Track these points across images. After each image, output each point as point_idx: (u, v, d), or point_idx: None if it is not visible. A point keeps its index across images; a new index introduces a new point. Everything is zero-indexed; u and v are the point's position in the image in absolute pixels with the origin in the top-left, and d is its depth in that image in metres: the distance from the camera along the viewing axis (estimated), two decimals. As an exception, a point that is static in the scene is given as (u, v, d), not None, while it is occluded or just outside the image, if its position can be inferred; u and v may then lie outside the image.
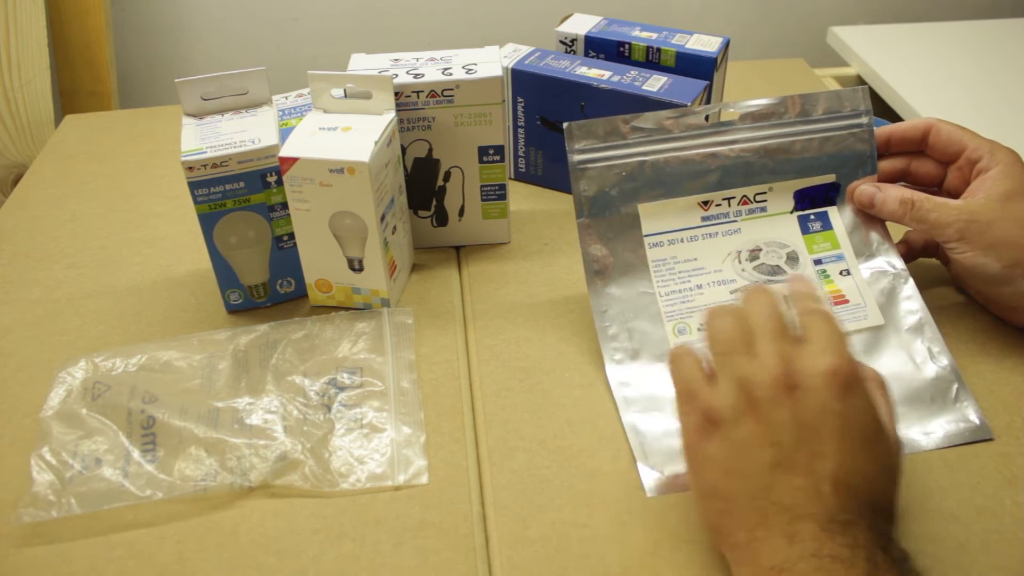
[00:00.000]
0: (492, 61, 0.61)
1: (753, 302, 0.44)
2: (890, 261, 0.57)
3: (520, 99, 0.70)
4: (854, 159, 0.58)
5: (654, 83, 0.65)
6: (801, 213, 0.58)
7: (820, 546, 0.37)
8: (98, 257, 0.68)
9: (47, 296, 0.63)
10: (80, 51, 1.22)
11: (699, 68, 0.70)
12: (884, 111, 0.97)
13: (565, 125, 0.57)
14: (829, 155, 0.58)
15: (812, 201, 0.59)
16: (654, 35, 0.73)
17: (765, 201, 0.58)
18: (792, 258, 0.57)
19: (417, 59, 0.62)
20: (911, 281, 0.56)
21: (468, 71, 0.60)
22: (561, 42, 0.75)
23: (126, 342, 0.58)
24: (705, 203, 0.58)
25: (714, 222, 0.58)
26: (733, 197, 0.58)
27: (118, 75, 1.29)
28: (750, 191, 0.58)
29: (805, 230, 0.58)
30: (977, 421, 0.49)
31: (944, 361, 0.52)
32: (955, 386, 0.51)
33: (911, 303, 0.55)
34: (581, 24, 0.75)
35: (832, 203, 0.59)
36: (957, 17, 1.49)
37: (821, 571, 0.36)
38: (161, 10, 1.40)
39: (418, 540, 0.45)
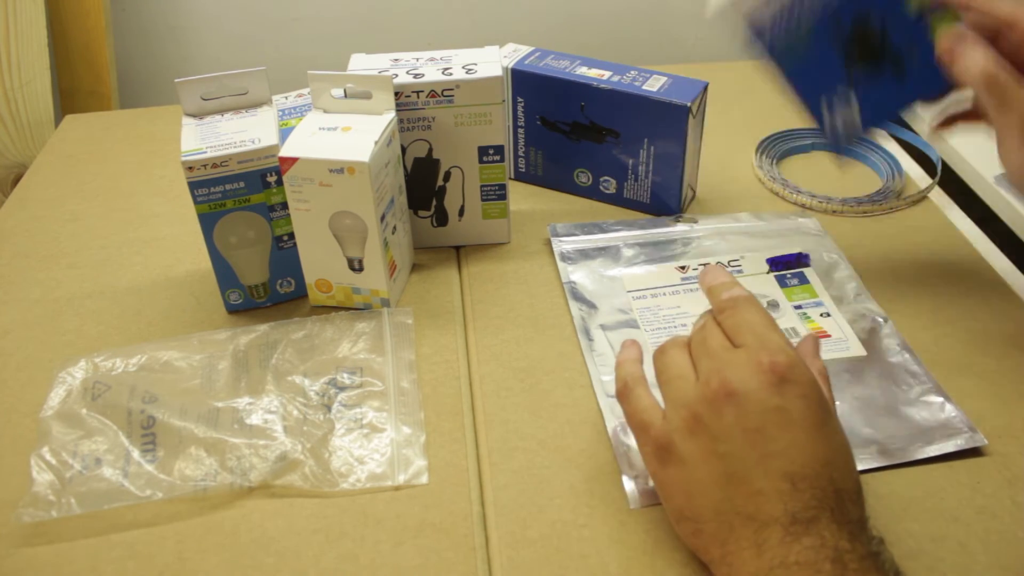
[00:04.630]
0: (492, 61, 0.61)
1: (695, 333, 0.45)
2: (868, 307, 0.59)
3: (520, 99, 0.70)
4: (811, 240, 0.65)
5: (654, 83, 0.66)
6: (777, 274, 0.62)
7: (787, 552, 0.37)
8: (98, 257, 0.68)
9: (47, 296, 0.63)
10: (80, 51, 1.22)
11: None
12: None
13: (549, 226, 0.66)
14: (788, 240, 0.65)
15: (786, 265, 0.62)
16: None
17: (740, 266, 0.63)
18: (773, 305, 0.59)
19: (417, 59, 0.62)
20: (891, 322, 0.57)
21: (468, 71, 0.60)
22: None
23: (126, 342, 0.58)
24: (682, 267, 0.63)
25: (693, 281, 0.62)
26: (708, 263, 0.63)
27: (118, 75, 1.29)
28: (724, 259, 0.63)
29: (783, 284, 0.61)
30: (968, 432, 0.49)
31: (928, 383, 0.52)
32: (941, 402, 0.51)
33: (891, 340, 0.56)
34: None
35: (806, 266, 0.62)
36: (957, 17, 1.48)
37: None
38: (161, 10, 1.40)
39: (418, 540, 0.45)
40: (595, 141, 0.69)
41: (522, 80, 0.69)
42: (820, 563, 0.36)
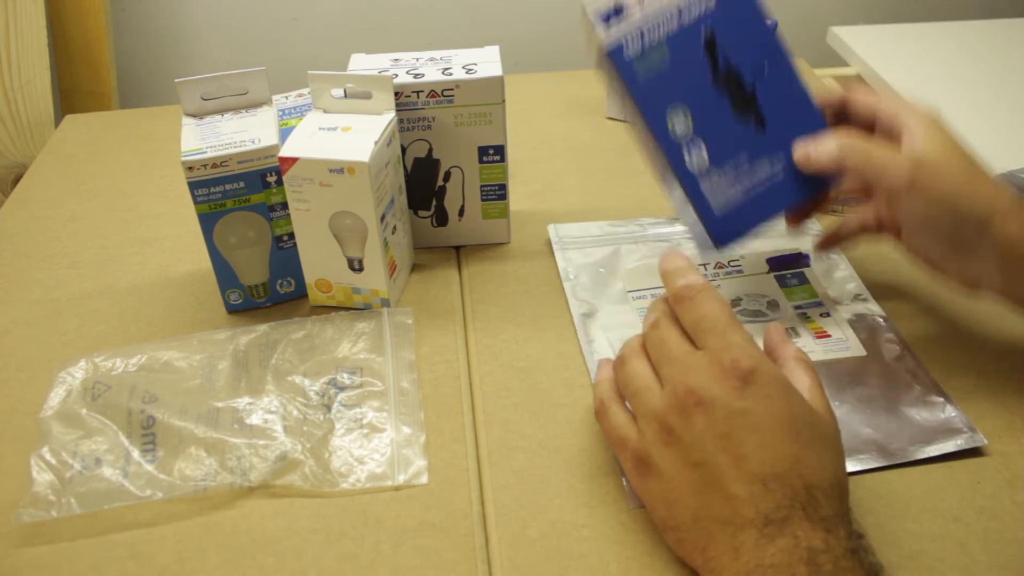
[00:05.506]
0: (492, 61, 0.61)
1: (650, 333, 0.45)
2: (869, 308, 0.59)
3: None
4: (811, 240, 0.63)
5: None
6: (777, 274, 0.61)
7: (762, 555, 0.37)
8: (98, 257, 0.68)
9: (47, 296, 0.63)
10: (80, 51, 1.22)
11: None
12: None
13: (549, 226, 0.66)
14: (787, 240, 0.64)
15: (786, 265, 0.62)
16: None
17: (740, 266, 0.62)
18: (772, 305, 0.59)
19: (417, 59, 0.62)
20: (891, 322, 0.57)
21: (468, 71, 0.60)
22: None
23: (126, 342, 0.58)
24: None
25: None
26: (709, 263, 0.62)
27: (118, 75, 1.29)
28: (724, 259, 0.63)
29: (783, 284, 0.61)
30: (968, 432, 0.49)
31: (928, 383, 0.52)
32: (942, 402, 0.51)
33: (891, 340, 0.56)
34: None
35: (806, 266, 0.62)
36: (957, 17, 1.49)
37: None
38: (161, 10, 1.40)
39: (418, 540, 0.45)
40: (735, 108, 0.52)
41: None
42: (794, 565, 0.36)
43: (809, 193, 0.52)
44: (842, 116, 0.53)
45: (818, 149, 0.50)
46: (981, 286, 0.50)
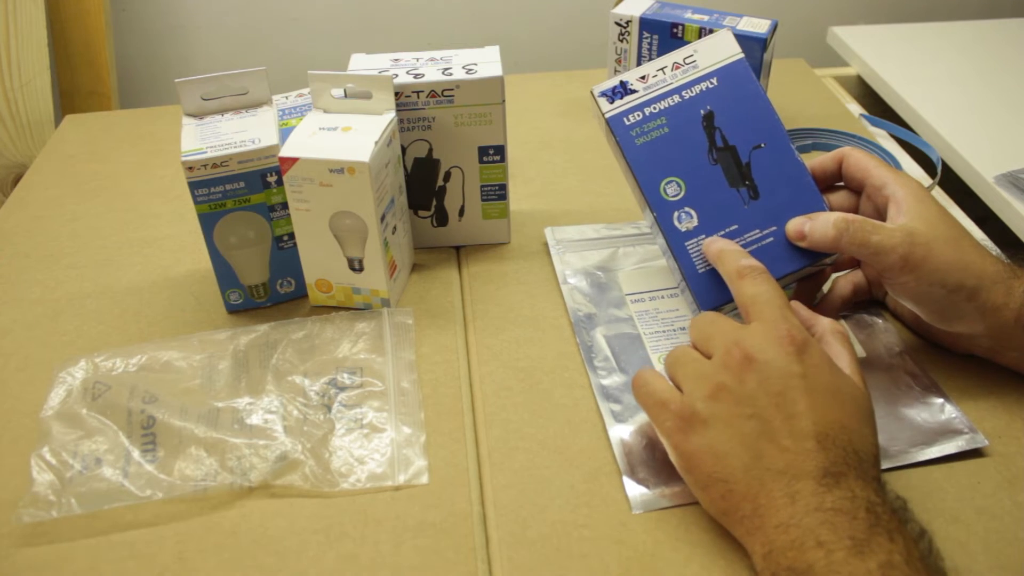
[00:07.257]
0: (492, 61, 0.61)
1: (695, 323, 0.47)
2: (868, 308, 0.59)
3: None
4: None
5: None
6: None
7: (821, 500, 0.39)
8: (98, 257, 0.68)
9: (47, 296, 0.63)
10: (80, 51, 1.22)
11: (750, 47, 0.72)
12: (884, 111, 0.97)
13: (547, 229, 0.66)
14: None
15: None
16: (706, 17, 0.75)
17: None
18: None
19: (417, 59, 0.62)
20: (890, 322, 0.57)
21: (468, 71, 0.60)
22: (616, 23, 0.77)
23: (126, 342, 0.58)
24: None
25: None
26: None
27: (118, 75, 1.29)
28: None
29: (783, 286, 0.60)
30: (968, 433, 0.49)
31: (927, 382, 0.52)
32: (941, 403, 0.51)
33: (891, 340, 0.56)
34: (635, 7, 0.77)
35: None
36: (957, 17, 1.49)
37: (826, 524, 0.38)
38: (161, 10, 1.40)
39: (418, 540, 0.45)
40: (729, 180, 0.54)
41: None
42: (855, 511, 0.38)
43: (799, 265, 0.52)
44: (836, 175, 0.55)
45: (815, 227, 0.50)
46: (971, 349, 0.53)
